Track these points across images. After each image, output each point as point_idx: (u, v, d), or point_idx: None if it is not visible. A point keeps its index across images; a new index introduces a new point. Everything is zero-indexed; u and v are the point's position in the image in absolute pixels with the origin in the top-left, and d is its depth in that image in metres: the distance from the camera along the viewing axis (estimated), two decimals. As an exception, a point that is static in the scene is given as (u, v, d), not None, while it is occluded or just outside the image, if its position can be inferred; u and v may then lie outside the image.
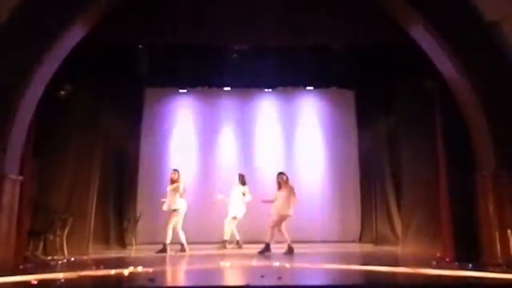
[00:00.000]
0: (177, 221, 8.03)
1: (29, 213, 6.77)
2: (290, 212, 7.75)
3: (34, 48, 6.08)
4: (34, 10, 6.20)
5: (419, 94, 7.47)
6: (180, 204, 8.10)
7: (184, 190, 8.21)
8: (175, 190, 8.09)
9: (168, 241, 7.94)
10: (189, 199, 8.61)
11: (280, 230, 7.81)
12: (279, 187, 7.98)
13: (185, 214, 8.19)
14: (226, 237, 8.64)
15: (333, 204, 10.16)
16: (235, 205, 8.71)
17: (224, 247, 8.49)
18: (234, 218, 8.66)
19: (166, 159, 10.16)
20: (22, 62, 6.01)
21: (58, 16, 6.24)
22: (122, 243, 8.92)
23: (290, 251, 7.65)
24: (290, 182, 8.04)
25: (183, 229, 8.09)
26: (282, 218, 7.79)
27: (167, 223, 8.02)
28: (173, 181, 8.20)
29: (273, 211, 7.83)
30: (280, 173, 8.14)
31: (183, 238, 8.03)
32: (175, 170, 8.37)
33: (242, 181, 8.88)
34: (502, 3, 6.27)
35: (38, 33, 6.13)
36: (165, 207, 8.11)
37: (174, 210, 8.02)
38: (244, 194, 8.73)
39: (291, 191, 7.87)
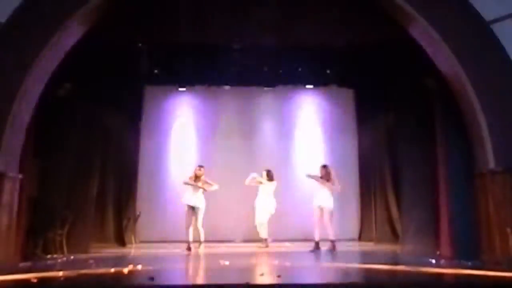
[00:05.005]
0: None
1: (29, 211, 6.77)
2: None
3: (33, 47, 6.09)
4: (33, 9, 6.20)
5: (419, 93, 7.47)
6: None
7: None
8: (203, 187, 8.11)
9: (203, 238, 8.00)
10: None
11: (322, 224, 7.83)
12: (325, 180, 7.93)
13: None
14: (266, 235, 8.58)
15: (332, 202, 10.14)
16: (268, 201, 8.64)
17: (267, 246, 8.42)
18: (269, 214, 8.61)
19: (166, 157, 10.15)
20: (21, 61, 6.02)
21: (57, 15, 6.24)
22: (122, 242, 8.91)
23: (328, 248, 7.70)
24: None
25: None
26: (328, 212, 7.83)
27: (196, 220, 7.95)
28: (198, 177, 8.13)
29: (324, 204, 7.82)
30: (324, 166, 8.07)
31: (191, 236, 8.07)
32: (201, 166, 8.30)
33: (271, 177, 8.76)
34: (502, 2, 6.27)
35: (37, 32, 6.13)
36: (193, 203, 7.99)
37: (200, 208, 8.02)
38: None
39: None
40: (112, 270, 5.19)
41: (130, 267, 5.31)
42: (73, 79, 7.58)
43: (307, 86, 10.10)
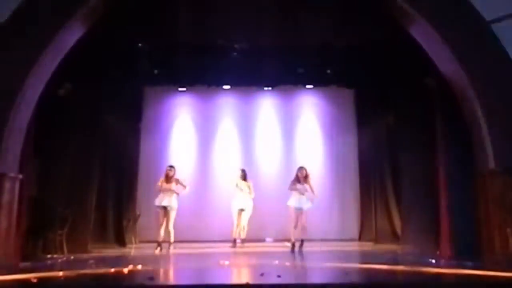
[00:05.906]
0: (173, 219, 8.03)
1: (29, 211, 6.76)
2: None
3: (33, 47, 6.08)
4: (33, 9, 6.20)
5: (419, 93, 7.47)
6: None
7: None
8: (175, 188, 8.08)
9: (172, 239, 7.99)
10: (189, 197, 8.62)
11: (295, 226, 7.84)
12: (299, 181, 7.96)
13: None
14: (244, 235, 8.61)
15: (332, 202, 10.15)
16: (242, 199, 8.65)
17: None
18: (242, 210, 8.61)
19: (166, 157, 10.14)
20: (21, 61, 6.01)
21: (57, 15, 6.24)
22: (122, 242, 8.91)
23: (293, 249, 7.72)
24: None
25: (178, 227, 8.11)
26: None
27: (168, 220, 7.94)
28: (169, 178, 8.15)
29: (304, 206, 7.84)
30: (301, 167, 8.10)
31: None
32: (171, 166, 8.33)
33: (244, 176, 8.83)
34: (502, 2, 6.27)
35: (37, 31, 6.13)
36: (166, 203, 7.95)
37: (173, 208, 8.01)
38: (249, 188, 8.70)
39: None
40: (112, 270, 5.19)
41: (130, 267, 5.31)
42: (73, 79, 7.57)
43: (307, 86, 10.10)
